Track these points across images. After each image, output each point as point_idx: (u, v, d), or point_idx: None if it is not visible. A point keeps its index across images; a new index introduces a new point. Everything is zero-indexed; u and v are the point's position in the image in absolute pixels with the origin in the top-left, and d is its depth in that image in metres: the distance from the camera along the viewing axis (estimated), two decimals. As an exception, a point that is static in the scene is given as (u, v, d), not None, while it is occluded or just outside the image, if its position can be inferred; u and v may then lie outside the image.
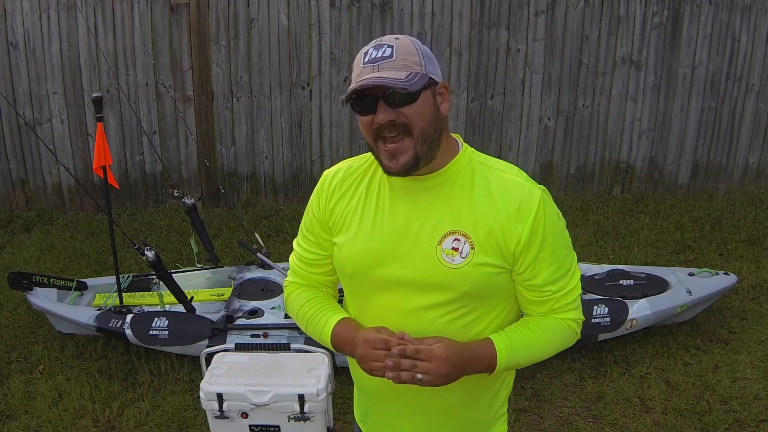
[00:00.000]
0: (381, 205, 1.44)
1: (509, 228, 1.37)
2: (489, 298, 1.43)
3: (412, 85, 1.29)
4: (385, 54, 1.32)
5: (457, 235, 1.38)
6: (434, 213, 1.40)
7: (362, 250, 1.44)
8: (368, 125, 1.34)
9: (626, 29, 5.43)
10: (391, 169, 1.35)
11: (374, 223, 1.44)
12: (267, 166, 5.63)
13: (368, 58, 1.33)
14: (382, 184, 1.46)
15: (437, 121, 1.36)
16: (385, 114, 1.31)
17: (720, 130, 5.73)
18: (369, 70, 1.31)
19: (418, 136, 1.33)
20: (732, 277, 3.77)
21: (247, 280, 3.81)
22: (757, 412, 3.07)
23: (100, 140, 3.40)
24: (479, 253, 1.37)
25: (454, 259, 1.37)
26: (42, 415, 3.11)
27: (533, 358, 1.46)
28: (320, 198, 1.53)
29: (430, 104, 1.34)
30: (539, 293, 1.43)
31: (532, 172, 5.66)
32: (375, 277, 1.44)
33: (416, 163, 1.34)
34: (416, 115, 1.32)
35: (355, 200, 1.47)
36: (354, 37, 5.36)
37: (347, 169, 1.52)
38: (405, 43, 1.34)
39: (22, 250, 4.90)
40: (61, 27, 5.20)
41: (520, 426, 3.04)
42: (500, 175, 1.42)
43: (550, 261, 1.41)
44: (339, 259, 1.50)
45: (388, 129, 1.32)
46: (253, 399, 1.70)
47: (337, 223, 1.49)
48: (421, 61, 1.33)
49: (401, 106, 1.31)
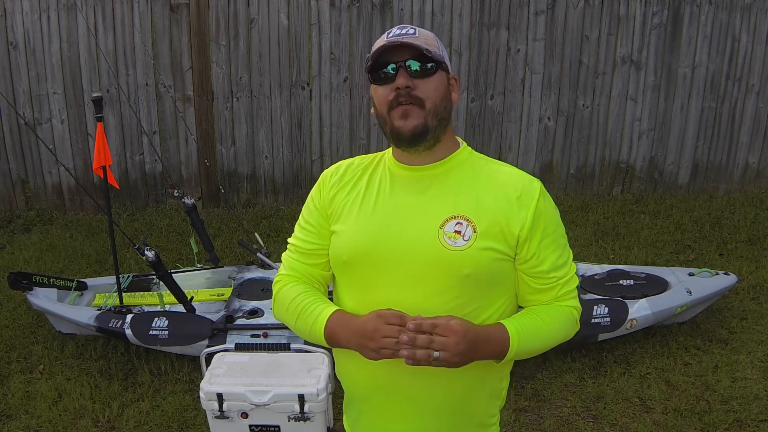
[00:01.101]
0: (382, 194, 1.46)
1: (512, 214, 1.40)
2: (491, 286, 1.42)
3: (435, 55, 1.37)
4: (408, 32, 1.40)
5: (460, 219, 1.39)
6: (436, 199, 1.42)
7: (360, 235, 1.44)
8: (385, 96, 1.39)
9: (626, 29, 5.44)
10: (401, 128, 1.38)
11: (374, 210, 1.45)
12: (267, 166, 5.63)
13: (392, 35, 1.40)
14: (383, 176, 1.49)
15: (448, 102, 1.43)
16: (405, 80, 1.37)
17: (720, 130, 5.73)
18: (394, 41, 1.38)
19: (430, 109, 1.38)
20: (732, 277, 3.77)
21: (247, 280, 3.81)
22: (757, 412, 3.07)
23: (100, 140, 3.40)
24: (482, 237, 1.38)
25: (457, 242, 1.38)
26: (42, 415, 3.11)
27: (543, 345, 1.45)
28: (321, 189, 1.55)
29: (444, 83, 1.42)
30: (545, 280, 1.44)
31: (532, 172, 5.62)
32: (373, 264, 1.42)
33: (425, 132, 1.39)
34: (431, 90, 1.38)
35: (356, 191, 1.49)
36: (354, 37, 5.36)
37: (349, 165, 1.55)
38: (426, 32, 1.43)
39: (22, 250, 4.90)
40: (61, 27, 5.20)
41: (520, 426, 3.04)
42: (499, 168, 1.48)
43: (554, 247, 1.44)
44: (337, 246, 1.49)
45: (405, 97, 1.37)
46: (253, 399, 1.70)
47: (336, 212, 1.50)
48: (440, 48, 1.42)
49: (421, 77, 1.38)
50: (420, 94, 1.37)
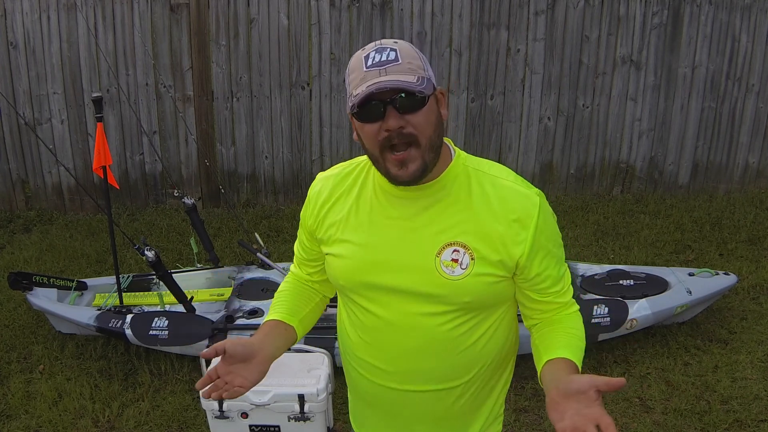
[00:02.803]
0: (375, 216, 1.40)
1: (511, 237, 1.34)
2: (489, 306, 1.43)
3: (425, 89, 1.25)
4: (390, 58, 1.25)
5: (456, 246, 1.34)
6: (431, 223, 1.36)
7: (357, 262, 1.41)
8: (374, 135, 1.27)
9: (626, 29, 5.43)
10: (399, 177, 1.29)
11: (370, 234, 1.40)
12: (267, 166, 5.63)
13: (372, 61, 1.25)
14: (375, 193, 1.41)
15: (440, 127, 1.32)
16: (396, 120, 1.24)
17: (720, 130, 5.72)
18: (376, 74, 1.24)
19: (426, 144, 1.28)
20: (732, 277, 3.77)
21: (247, 280, 3.81)
22: (757, 412, 3.06)
23: (100, 140, 3.40)
24: (479, 264, 1.35)
25: (455, 271, 1.34)
26: (42, 415, 3.11)
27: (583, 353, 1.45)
28: (308, 208, 1.51)
29: (434, 110, 1.31)
30: (546, 294, 1.43)
31: (532, 172, 5.66)
32: (370, 289, 1.42)
33: (425, 171, 1.30)
34: (424, 123, 1.27)
35: (345, 210, 1.43)
36: (354, 37, 5.36)
37: (336, 176, 1.48)
38: (406, 47, 1.29)
39: (22, 250, 4.90)
40: (61, 27, 5.20)
41: (520, 426, 3.04)
42: (496, 181, 1.38)
43: (554, 262, 1.41)
44: (332, 271, 1.47)
45: (397, 137, 1.26)
46: (253, 399, 1.70)
47: (328, 235, 1.45)
48: (423, 66, 1.29)
49: (411, 112, 1.25)
50: (413, 131, 1.26)
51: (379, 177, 1.39)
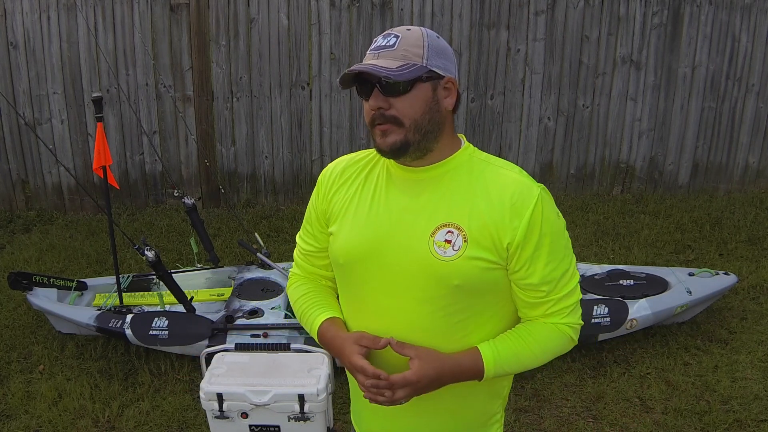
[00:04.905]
0: (377, 195, 1.45)
1: (503, 223, 1.35)
2: (482, 296, 1.41)
3: (399, 76, 1.31)
4: (388, 43, 1.35)
5: (450, 228, 1.36)
6: (429, 204, 1.39)
7: (355, 238, 1.44)
8: (368, 111, 1.38)
9: (626, 29, 5.44)
10: (379, 146, 1.38)
11: (369, 213, 1.44)
12: (267, 166, 5.63)
13: (375, 45, 1.37)
14: (380, 175, 1.47)
15: (435, 114, 1.38)
16: (376, 101, 1.34)
17: (720, 130, 5.73)
18: (370, 57, 1.35)
19: (410, 125, 1.35)
20: (732, 277, 3.77)
21: (247, 280, 3.81)
22: (757, 412, 3.07)
23: (100, 140, 3.40)
24: (472, 247, 1.35)
25: (446, 252, 1.36)
26: (42, 415, 3.11)
27: (523, 366, 1.44)
28: (320, 189, 1.55)
29: (427, 97, 1.36)
30: (534, 293, 1.40)
31: (532, 172, 5.67)
32: (367, 268, 1.43)
33: (405, 147, 1.35)
34: (407, 107, 1.34)
35: (353, 190, 1.48)
36: (354, 37, 5.36)
37: (349, 161, 1.54)
38: (414, 34, 1.36)
39: (22, 250, 4.90)
40: (61, 27, 5.20)
41: (520, 426, 3.04)
42: (499, 171, 1.41)
43: (547, 260, 1.38)
44: (333, 248, 1.50)
45: (379, 118, 1.35)
46: (253, 399, 1.70)
47: (333, 213, 1.50)
48: (423, 54, 1.34)
49: (392, 95, 1.33)
50: (396, 113, 1.34)
51: (388, 160, 1.46)
